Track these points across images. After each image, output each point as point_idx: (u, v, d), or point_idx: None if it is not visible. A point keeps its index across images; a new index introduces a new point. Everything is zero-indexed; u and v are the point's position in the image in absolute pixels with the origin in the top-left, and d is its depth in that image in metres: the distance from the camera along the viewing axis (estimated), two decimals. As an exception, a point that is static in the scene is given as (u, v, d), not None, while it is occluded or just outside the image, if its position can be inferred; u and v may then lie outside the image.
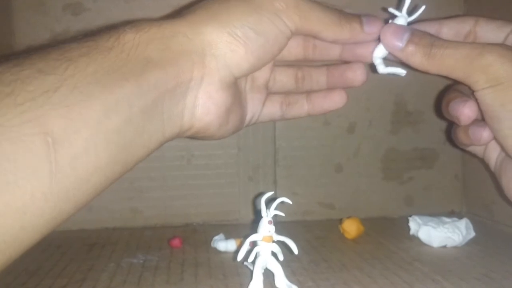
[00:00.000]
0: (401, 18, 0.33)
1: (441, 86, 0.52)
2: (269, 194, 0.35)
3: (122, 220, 0.54)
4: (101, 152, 0.24)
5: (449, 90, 0.35)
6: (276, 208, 0.34)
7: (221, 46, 0.29)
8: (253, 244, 0.34)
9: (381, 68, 0.34)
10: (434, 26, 0.34)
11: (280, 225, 0.36)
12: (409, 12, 0.33)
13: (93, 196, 0.25)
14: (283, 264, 0.34)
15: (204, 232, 0.51)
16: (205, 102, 0.29)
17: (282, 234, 0.34)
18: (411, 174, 0.58)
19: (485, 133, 0.32)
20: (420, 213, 0.49)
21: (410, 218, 0.48)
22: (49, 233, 0.24)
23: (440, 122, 0.57)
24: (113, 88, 0.25)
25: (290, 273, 0.38)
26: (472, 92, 0.31)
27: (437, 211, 0.57)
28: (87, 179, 0.24)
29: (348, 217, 0.49)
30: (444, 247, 0.45)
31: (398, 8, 0.33)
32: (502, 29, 0.33)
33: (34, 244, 0.23)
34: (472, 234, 0.45)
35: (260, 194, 0.49)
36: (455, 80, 0.31)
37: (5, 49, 0.50)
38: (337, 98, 0.37)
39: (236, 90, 0.32)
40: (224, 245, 0.44)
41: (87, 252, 0.45)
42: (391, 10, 0.33)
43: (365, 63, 0.36)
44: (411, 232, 0.48)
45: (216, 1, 0.30)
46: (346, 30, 0.32)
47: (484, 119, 0.32)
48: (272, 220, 0.34)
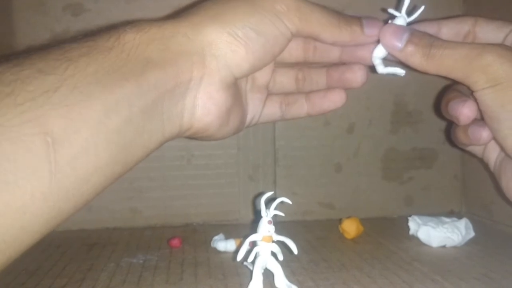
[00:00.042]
0: (400, 19, 0.33)
1: (441, 86, 0.52)
2: (269, 194, 0.35)
3: (122, 220, 0.54)
4: (101, 152, 0.24)
5: (448, 90, 0.35)
6: (276, 208, 0.34)
7: (221, 46, 0.29)
8: (253, 244, 0.34)
9: (381, 68, 0.34)
10: (433, 26, 0.34)
11: (279, 225, 0.36)
12: (409, 13, 0.33)
13: (93, 196, 0.25)
14: (282, 264, 0.34)
15: (204, 232, 0.51)
16: (205, 103, 0.29)
17: (281, 234, 0.34)
18: (410, 174, 0.58)
19: (484, 133, 0.32)
20: (419, 213, 0.49)
21: (410, 218, 0.48)
22: (49, 233, 0.24)
23: (440, 122, 0.57)
24: (113, 88, 0.25)
25: (290, 273, 0.38)
26: (471, 92, 0.31)
27: (437, 211, 0.57)
28: (87, 179, 0.24)
29: (348, 217, 0.49)
30: (444, 247, 0.45)
31: (397, 9, 0.33)
32: (501, 29, 0.33)
33: (33, 244, 0.23)
34: (471, 234, 0.45)
35: (260, 194, 0.49)
36: (454, 80, 0.32)
37: (5, 49, 0.50)
38: (336, 97, 0.37)
39: (236, 90, 0.32)
40: (224, 245, 0.44)
41: (86, 252, 0.45)
42: (391, 10, 0.33)
43: (365, 65, 0.35)
44: (411, 232, 0.48)
45: (216, 2, 0.30)
46: (346, 33, 0.32)
47: (483, 119, 0.32)
48: (271, 220, 0.34)
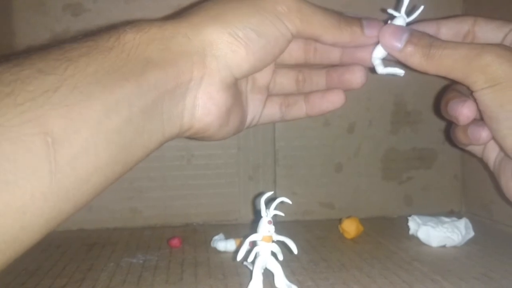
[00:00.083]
0: (399, 19, 0.33)
1: (440, 86, 0.52)
2: (269, 194, 0.35)
3: (122, 220, 0.54)
4: (101, 152, 0.24)
5: (448, 90, 0.35)
6: (275, 208, 0.34)
7: (222, 47, 0.29)
8: (253, 244, 0.34)
9: (380, 69, 0.34)
10: (432, 26, 0.34)
11: (279, 225, 0.36)
12: (408, 12, 0.33)
13: (93, 196, 0.25)
14: (282, 263, 0.34)
15: (204, 232, 0.51)
16: (205, 103, 0.29)
17: (281, 234, 0.34)
18: (410, 174, 0.58)
19: (484, 133, 0.32)
20: (419, 213, 0.49)
21: (410, 218, 0.48)
22: (49, 233, 0.24)
23: (439, 122, 0.57)
24: (113, 88, 0.25)
25: (290, 273, 0.38)
26: (471, 92, 0.31)
27: (437, 211, 0.57)
28: (87, 179, 0.24)
29: (348, 217, 0.49)
30: (443, 246, 0.45)
31: (397, 9, 0.33)
32: (501, 29, 0.33)
33: (33, 244, 0.23)
34: (471, 233, 0.46)
35: (260, 194, 0.49)
36: (453, 80, 0.32)
37: (5, 49, 0.50)
38: (335, 98, 0.37)
39: (236, 91, 0.32)
40: (224, 245, 0.44)
41: (86, 252, 0.45)
42: (390, 10, 0.33)
43: (365, 66, 0.35)
44: (411, 232, 0.48)
45: (217, 3, 0.30)
46: (346, 34, 0.32)
47: (483, 119, 0.32)
48: (271, 220, 0.34)
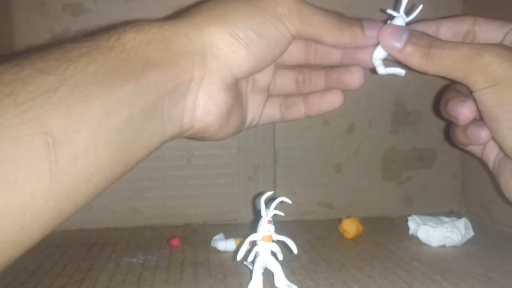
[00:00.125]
0: (399, 19, 0.33)
1: (440, 86, 0.52)
2: (268, 194, 0.35)
3: (122, 220, 0.54)
4: (102, 152, 0.24)
5: (447, 89, 0.35)
6: (275, 208, 0.34)
7: (222, 47, 0.29)
8: (253, 244, 0.34)
9: (381, 69, 0.34)
10: (432, 26, 0.34)
11: (279, 224, 0.36)
12: (407, 12, 0.33)
13: (93, 196, 0.25)
14: (282, 263, 0.34)
15: (204, 232, 0.52)
16: (206, 103, 0.29)
17: (281, 234, 0.34)
18: (410, 174, 0.58)
19: (483, 133, 0.32)
20: (419, 212, 0.49)
21: (409, 218, 0.48)
22: (49, 233, 0.24)
23: (439, 122, 0.57)
24: (113, 88, 0.25)
25: (290, 273, 0.38)
26: (470, 92, 0.31)
27: (436, 210, 0.57)
28: (88, 179, 0.24)
29: (348, 216, 0.49)
30: (443, 246, 0.45)
31: (396, 9, 0.33)
32: (501, 28, 0.33)
33: (34, 244, 0.23)
34: (471, 233, 0.46)
35: (260, 194, 0.49)
36: (453, 80, 0.32)
37: (5, 49, 0.50)
38: (334, 98, 0.37)
39: (236, 91, 0.32)
40: (224, 244, 0.45)
41: (86, 252, 0.45)
42: (389, 11, 0.33)
43: (366, 67, 0.35)
44: (410, 231, 0.48)
45: (218, 3, 0.30)
46: (347, 35, 0.32)
47: (482, 119, 0.32)
48: (271, 220, 0.34)
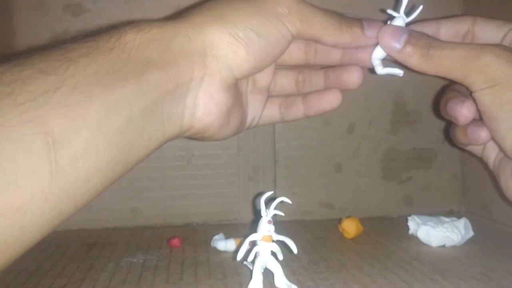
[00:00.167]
0: (399, 19, 0.33)
1: (440, 86, 0.52)
2: (268, 194, 0.35)
3: (122, 220, 0.54)
4: (102, 152, 0.24)
5: (447, 89, 0.35)
6: (275, 208, 0.34)
7: (222, 47, 0.29)
8: (253, 244, 0.34)
9: (380, 69, 0.34)
10: (432, 26, 0.34)
11: (279, 224, 0.36)
12: (408, 12, 0.33)
13: (93, 196, 0.25)
14: (282, 263, 0.34)
15: (204, 232, 0.52)
16: (206, 103, 0.30)
17: (281, 234, 0.34)
18: (410, 174, 0.58)
19: (483, 133, 0.32)
20: (419, 212, 0.49)
21: (409, 218, 0.48)
22: (49, 233, 0.24)
23: (439, 122, 0.57)
24: (113, 88, 0.25)
25: (290, 273, 0.38)
26: (470, 93, 0.31)
27: (436, 210, 0.57)
28: (88, 179, 0.24)
29: (347, 216, 0.49)
30: (443, 246, 0.45)
31: (396, 9, 0.33)
32: (501, 28, 0.33)
33: (34, 244, 0.23)
34: (470, 233, 0.46)
35: (260, 194, 0.49)
36: (453, 80, 0.32)
37: (5, 49, 0.50)
38: (332, 98, 0.37)
39: (236, 91, 0.32)
40: (224, 244, 0.45)
41: (86, 252, 0.45)
42: (389, 11, 0.33)
43: (365, 67, 0.35)
44: (410, 231, 0.48)
45: (218, 3, 0.30)
46: (347, 35, 0.32)
47: (482, 119, 0.32)
48: (271, 220, 0.34)
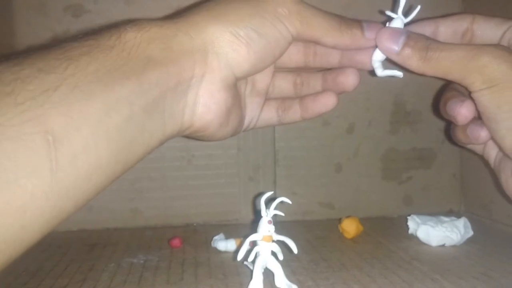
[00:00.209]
0: (397, 20, 0.33)
1: (439, 86, 0.52)
2: (268, 194, 0.35)
3: (123, 220, 0.54)
4: (102, 151, 0.24)
5: (447, 89, 0.36)
6: (275, 208, 0.34)
7: (223, 45, 0.29)
8: (253, 244, 0.34)
9: (380, 71, 0.34)
10: (431, 25, 0.34)
11: (280, 224, 0.36)
12: (406, 13, 0.33)
13: (94, 194, 0.25)
14: (283, 263, 0.34)
15: (204, 232, 0.52)
16: (206, 101, 0.30)
17: (281, 234, 0.34)
18: (410, 173, 0.58)
19: (483, 132, 0.32)
20: (419, 212, 0.49)
21: (409, 218, 0.48)
22: (50, 233, 0.24)
23: (439, 122, 0.57)
24: (114, 87, 0.25)
25: (290, 273, 0.38)
26: (469, 93, 0.31)
27: (436, 210, 0.57)
28: (88, 178, 0.24)
29: (347, 216, 0.49)
30: (443, 246, 0.45)
31: (394, 10, 0.33)
32: (499, 26, 0.33)
33: (34, 244, 0.23)
34: (470, 233, 0.46)
35: (260, 194, 0.49)
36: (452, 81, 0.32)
37: (6, 50, 0.50)
38: (326, 100, 0.36)
39: (236, 92, 0.32)
40: (224, 245, 0.45)
41: (87, 253, 0.46)
42: (387, 12, 0.33)
43: (365, 69, 0.35)
44: (410, 231, 0.48)
45: (218, 3, 0.31)
46: (346, 36, 0.32)
47: (481, 118, 0.32)
48: (271, 220, 0.34)
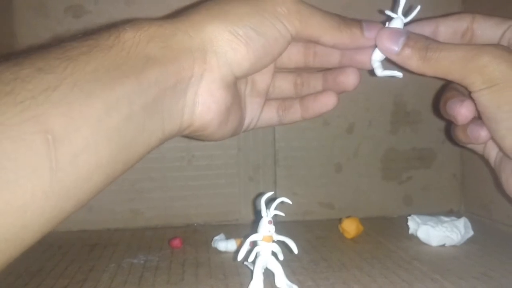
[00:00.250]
0: (397, 20, 0.33)
1: (439, 86, 0.52)
2: (269, 194, 0.35)
3: (123, 221, 0.54)
4: (102, 150, 0.24)
5: (446, 89, 0.36)
6: (276, 208, 0.34)
7: (222, 44, 0.29)
8: (253, 244, 0.34)
9: (379, 71, 0.34)
10: (431, 25, 0.34)
11: (280, 225, 0.36)
12: (406, 13, 0.33)
13: (94, 194, 0.25)
14: (283, 263, 0.34)
15: (205, 232, 0.52)
16: (205, 100, 0.30)
17: (282, 234, 0.34)
18: (410, 173, 0.58)
19: (483, 132, 0.32)
20: (419, 212, 0.49)
21: (409, 218, 0.48)
22: (50, 233, 0.24)
23: (439, 122, 0.57)
24: (113, 86, 0.25)
25: (290, 273, 0.38)
26: (469, 93, 0.31)
27: (436, 210, 0.57)
28: (88, 177, 0.24)
29: (348, 216, 0.49)
30: (443, 246, 0.45)
31: (394, 10, 0.33)
32: (499, 26, 0.33)
33: (35, 244, 0.23)
34: (470, 233, 0.46)
35: (260, 194, 0.49)
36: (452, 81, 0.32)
37: (6, 50, 0.50)
38: (326, 100, 0.36)
39: (235, 91, 0.32)
40: (225, 245, 0.45)
41: (88, 253, 0.46)
42: (387, 12, 0.33)
43: (365, 69, 0.35)
44: (410, 231, 0.48)
45: (217, 3, 0.31)
46: (346, 35, 0.32)
47: (482, 118, 0.32)
48: (272, 220, 0.34)
